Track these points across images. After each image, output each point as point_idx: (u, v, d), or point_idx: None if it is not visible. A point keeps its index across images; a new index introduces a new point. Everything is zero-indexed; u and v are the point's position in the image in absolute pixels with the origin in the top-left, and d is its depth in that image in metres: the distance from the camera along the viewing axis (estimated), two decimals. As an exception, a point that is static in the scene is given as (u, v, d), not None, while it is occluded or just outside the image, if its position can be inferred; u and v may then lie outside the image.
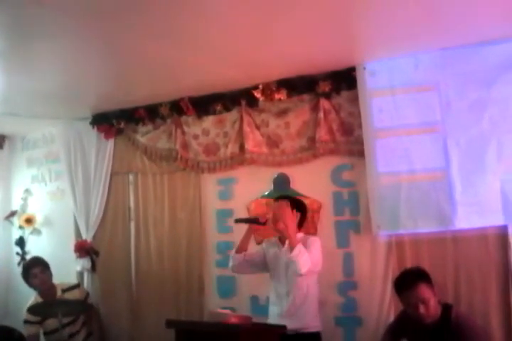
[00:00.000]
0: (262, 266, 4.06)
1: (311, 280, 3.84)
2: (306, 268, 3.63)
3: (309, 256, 3.66)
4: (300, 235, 3.92)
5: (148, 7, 3.09)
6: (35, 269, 4.72)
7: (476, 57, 3.87)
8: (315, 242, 3.85)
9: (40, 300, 4.65)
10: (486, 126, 3.84)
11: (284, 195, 4.13)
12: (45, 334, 4.72)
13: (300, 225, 3.99)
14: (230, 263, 4.06)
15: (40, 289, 4.72)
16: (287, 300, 3.84)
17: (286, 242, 3.85)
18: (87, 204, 5.51)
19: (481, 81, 3.87)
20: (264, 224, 3.98)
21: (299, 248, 3.65)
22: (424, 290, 3.14)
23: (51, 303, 4.45)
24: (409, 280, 3.20)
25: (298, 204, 4.00)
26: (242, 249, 4.01)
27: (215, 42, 3.71)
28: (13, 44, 3.62)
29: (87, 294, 5.03)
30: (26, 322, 4.61)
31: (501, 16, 3.43)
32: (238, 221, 4.14)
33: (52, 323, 4.58)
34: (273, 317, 3.91)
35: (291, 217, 3.85)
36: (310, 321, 3.83)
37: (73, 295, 4.80)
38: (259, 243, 4.41)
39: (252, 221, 4.05)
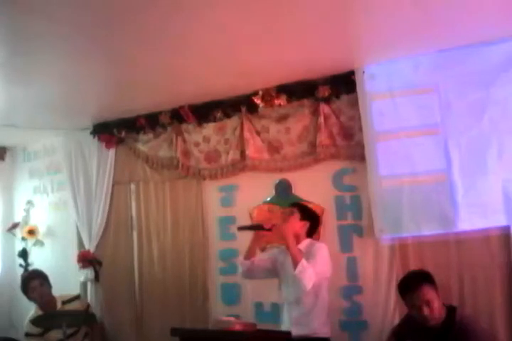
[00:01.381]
0: (272, 272, 4.02)
1: (320, 287, 3.77)
2: (311, 283, 3.57)
3: (315, 265, 3.61)
4: (306, 242, 3.89)
5: (146, 16, 3.11)
6: (33, 282, 4.69)
7: (474, 57, 3.86)
8: (320, 249, 3.79)
9: (40, 312, 4.61)
10: (487, 127, 3.83)
11: (297, 202, 4.13)
12: (47, 346, 4.70)
13: (310, 233, 3.96)
14: (240, 270, 4.03)
15: (40, 302, 4.69)
16: (296, 308, 3.80)
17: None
18: (89, 215, 5.51)
19: (480, 82, 3.86)
20: (270, 230, 3.90)
21: (302, 264, 3.58)
22: (428, 292, 3.12)
23: (53, 315, 4.43)
24: (413, 282, 3.19)
25: (308, 213, 3.98)
26: (249, 255, 3.96)
27: (214, 49, 3.72)
28: (12, 55, 3.64)
29: (88, 305, 5.02)
30: (28, 334, 4.59)
31: (499, 16, 3.42)
32: (241, 228, 4.10)
33: (54, 335, 4.55)
34: (285, 324, 3.89)
35: (292, 230, 3.80)
36: (319, 327, 3.76)
37: (74, 306, 4.77)
38: (262, 250, 4.39)
39: (256, 227, 3.99)
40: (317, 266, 3.65)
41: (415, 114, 4.05)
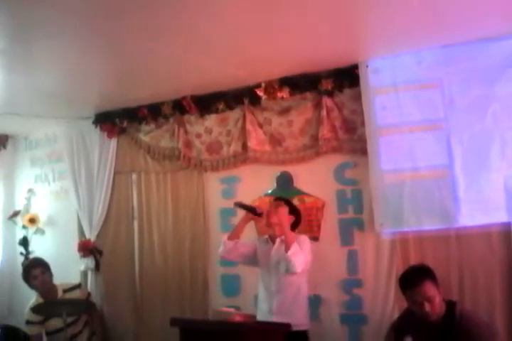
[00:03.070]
0: (252, 260, 4.07)
1: (301, 278, 3.88)
2: (301, 266, 3.70)
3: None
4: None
5: (150, 6, 3.09)
6: (35, 270, 4.69)
7: (479, 53, 3.86)
8: (305, 241, 3.88)
9: (40, 300, 4.62)
10: (490, 123, 3.83)
11: (282, 197, 4.18)
12: (47, 334, 4.70)
13: (292, 228, 3.99)
14: (220, 249, 4.04)
15: (41, 290, 4.69)
16: (277, 298, 3.86)
17: (277, 240, 3.95)
18: (90, 204, 5.52)
19: (484, 78, 3.86)
20: (260, 215, 3.98)
21: (295, 247, 3.68)
22: (430, 288, 3.12)
23: (54, 303, 4.44)
24: (414, 278, 3.18)
25: (293, 209, 4.05)
26: (234, 236, 4.00)
27: (217, 40, 3.71)
28: (16, 43, 3.62)
29: (89, 294, 5.04)
30: (28, 322, 4.60)
31: (504, 13, 3.42)
32: (237, 205, 4.09)
33: (54, 323, 4.58)
34: (263, 314, 3.91)
35: (287, 217, 3.91)
36: (299, 319, 3.84)
37: (74, 295, 4.78)
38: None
39: (249, 209, 4.04)
40: (304, 255, 3.75)
41: (418, 109, 4.05)
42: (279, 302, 3.85)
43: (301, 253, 3.71)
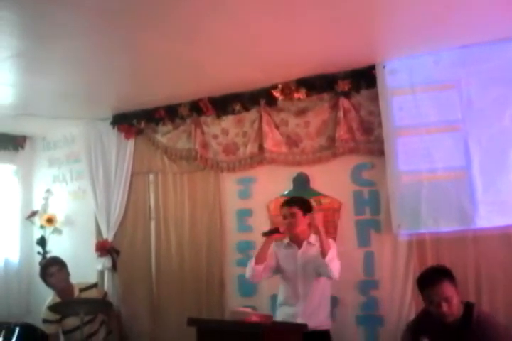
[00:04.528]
0: (276, 269, 4.03)
1: (325, 280, 3.87)
2: (338, 272, 3.69)
3: None
4: (314, 237, 3.93)
5: (168, 7, 3.11)
6: (52, 268, 4.72)
7: (497, 54, 3.84)
8: (333, 246, 3.83)
9: (58, 299, 4.66)
10: (508, 124, 3.81)
11: (294, 200, 4.06)
12: (64, 333, 4.74)
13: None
14: (249, 274, 3.95)
15: (58, 288, 4.72)
16: (304, 301, 3.84)
17: (304, 243, 3.91)
18: (107, 204, 5.56)
19: (502, 78, 3.84)
20: (283, 232, 3.95)
21: (332, 253, 3.68)
22: (448, 288, 3.11)
23: (71, 302, 4.47)
24: (433, 278, 3.17)
25: (306, 206, 3.97)
26: (262, 259, 3.90)
27: (234, 42, 3.73)
28: (34, 45, 3.66)
29: (105, 294, 5.06)
30: (45, 321, 4.63)
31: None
32: (265, 234, 4.00)
33: (71, 322, 4.60)
34: (284, 318, 3.88)
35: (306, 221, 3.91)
36: (323, 320, 3.87)
37: (91, 294, 4.80)
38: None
39: (274, 232, 3.96)
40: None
41: (436, 110, 4.04)
42: (305, 306, 3.83)
43: (337, 259, 3.70)
